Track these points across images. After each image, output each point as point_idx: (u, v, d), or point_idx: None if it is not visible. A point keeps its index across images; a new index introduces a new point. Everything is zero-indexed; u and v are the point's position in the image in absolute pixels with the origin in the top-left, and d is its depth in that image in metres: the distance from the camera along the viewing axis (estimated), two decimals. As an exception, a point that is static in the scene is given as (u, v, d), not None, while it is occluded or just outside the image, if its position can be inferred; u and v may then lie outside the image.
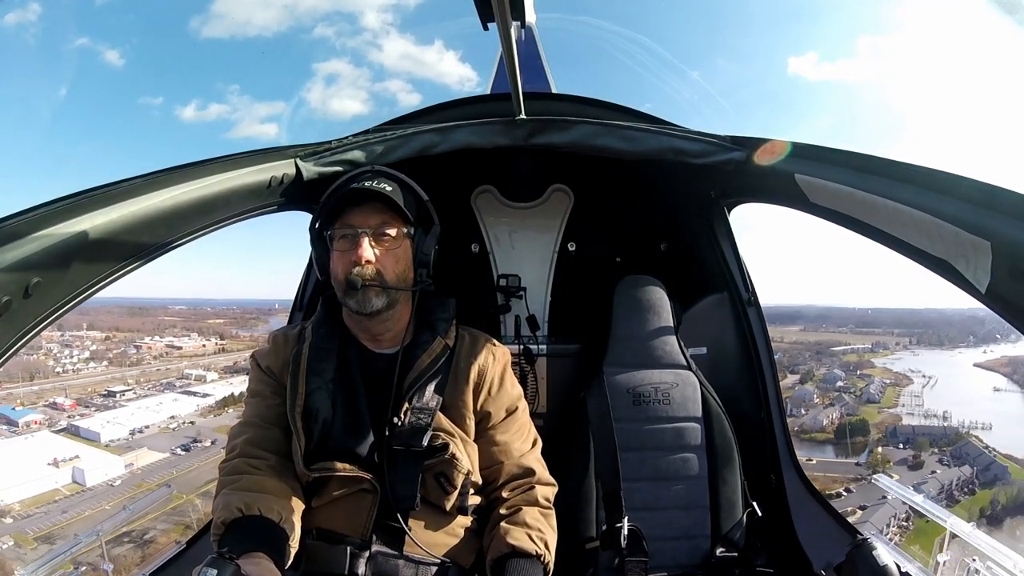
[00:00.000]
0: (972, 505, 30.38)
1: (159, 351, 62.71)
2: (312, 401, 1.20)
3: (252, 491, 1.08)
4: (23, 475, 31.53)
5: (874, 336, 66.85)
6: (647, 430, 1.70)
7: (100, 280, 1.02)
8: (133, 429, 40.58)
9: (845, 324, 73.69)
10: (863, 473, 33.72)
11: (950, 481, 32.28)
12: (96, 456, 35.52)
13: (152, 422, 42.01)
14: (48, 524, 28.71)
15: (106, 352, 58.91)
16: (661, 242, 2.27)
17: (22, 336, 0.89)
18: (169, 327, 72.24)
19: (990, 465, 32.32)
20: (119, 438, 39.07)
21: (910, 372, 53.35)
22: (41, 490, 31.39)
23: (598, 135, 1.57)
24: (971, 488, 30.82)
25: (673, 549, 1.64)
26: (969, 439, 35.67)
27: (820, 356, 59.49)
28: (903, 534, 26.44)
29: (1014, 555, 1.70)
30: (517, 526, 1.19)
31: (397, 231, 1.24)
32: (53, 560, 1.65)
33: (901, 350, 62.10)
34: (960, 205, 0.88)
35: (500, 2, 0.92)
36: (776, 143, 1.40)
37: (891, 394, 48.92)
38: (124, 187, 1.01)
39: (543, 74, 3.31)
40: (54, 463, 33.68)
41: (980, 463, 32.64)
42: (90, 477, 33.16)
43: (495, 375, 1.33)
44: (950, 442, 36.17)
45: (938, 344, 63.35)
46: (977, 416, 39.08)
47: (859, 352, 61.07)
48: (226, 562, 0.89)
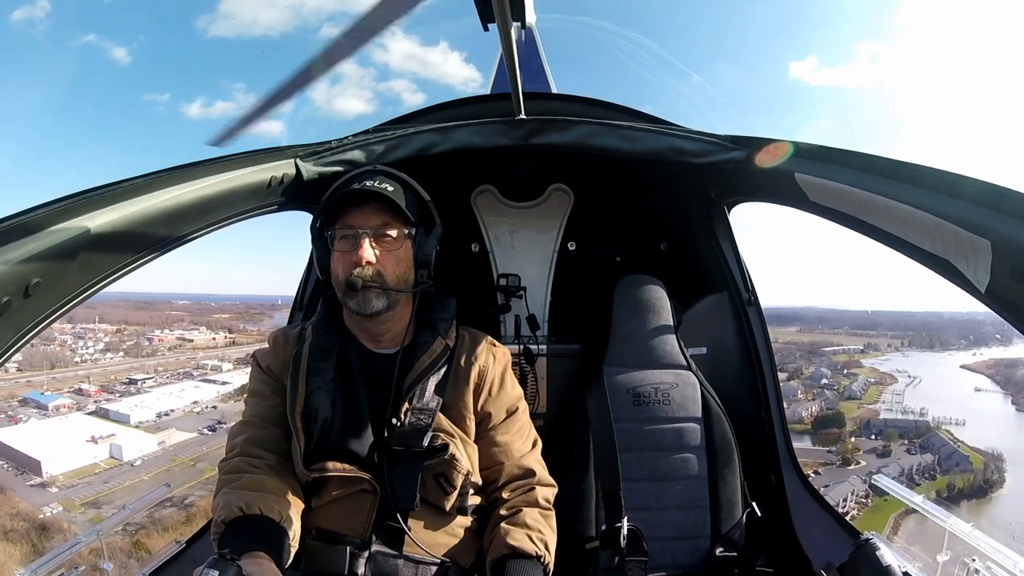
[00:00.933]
0: (931, 488, 35.19)
1: (171, 343, 65.49)
2: (312, 401, 1.20)
3: (252, 490, 1.08)
4: (64, 451, 34.95)
5: (868, 338, 69.20)
6: (647, 430, 1.70)
7: (100, 280, 1.01)
8: (159, 412, 44.52)
9: (842, 326, 76.13)
10: (832, 459, 39.04)
11: (910, 466, 37.59)
12: (130, 435, 39.07)
13: (176, 406, 45.97)
14: (91, 493, 32.25)
15: (120, 343, 62.05)
16: (661, 242, 2.27)
17: (22, 336, 0.89)
18: (176, 321, 75.33)
19: (952, 455, 36.58)
20: (147, 420, 42.88)
21: (896, 372, 56.47)
22: (82, 464, 35.07)
23: (598, 135, 1.57)
24: (932, 474, 35.29)
25: (673, 549, 1.64)
26: (937, 432, 39.97)
27: (811, 356, 61.71)
28: (860, 509, 30.46)
29: (1014, 555, 1.71)
30: (517, 527, 1.19)
31: (398, 232, 1.24)
32: (53, 560, 1.65)
33: (892, 352, 64.91)
34: (960, 204, 0.87)
35: (500, 2, 0.92)
36: (777, 146, 1.40)
37: (873, 392, 52.56)
38: (124, 187, 1.01)
39: (543, 74, 3.31)
40: (92, 440, 37.53)
41: (944, 453, 37.01)
42: (126, 453, 37.07)
43: (495, 376, 1.33)
44: (919, 434, 40.65)
45: (929, 346, 66.27)
46: (953, 413, 43.20)
47: (849, 353, 63.68)
48: (228, 563, 0.88)
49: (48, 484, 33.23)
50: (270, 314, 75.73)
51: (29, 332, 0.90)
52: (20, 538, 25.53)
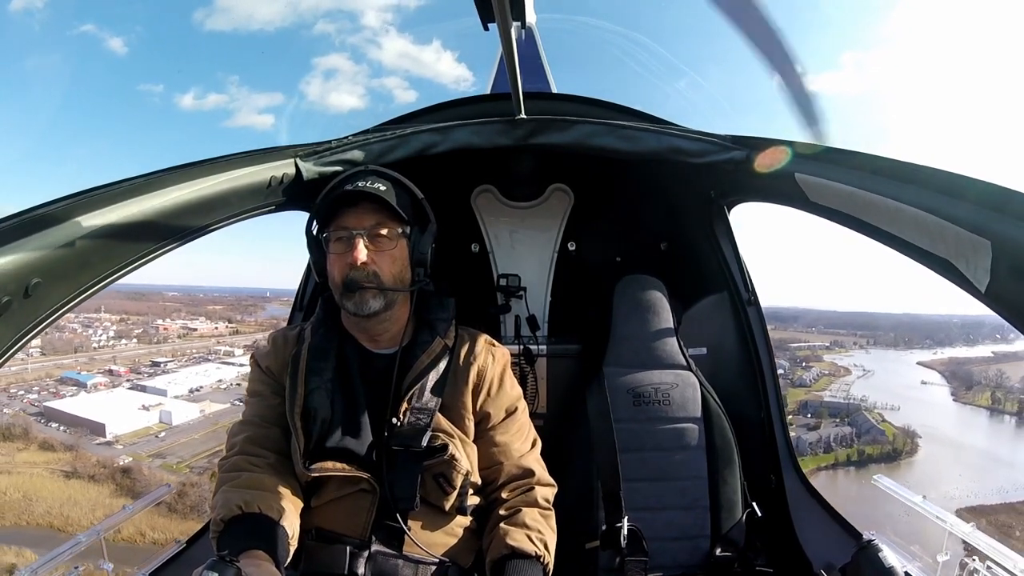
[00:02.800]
0: (844, 454, 44.05)
1: (177, 332, 70.24)
2: (311, 401, 1.20)
3: (252, 489, 1.08)
4: (121, 417, 42.56)
5: (836, 336, 74.14)
6: (647, 430, 1.70)
7: (101, 279, 1.01)
8: (191, 388, 51.81)
9: (815, 325, 79.90)
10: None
11: (829, 435, 45.51)
12: (173, 404, 46.83)
13: (204, 384, 52.73)
14: (153, 448, 39.54)
15: (129, 332, 67.36)
16: (661, 242, 2.27)
17: (22, 336, 0.89)
18: (174, 311, 78.58)
19: (871, 429, 46.19)
20: (182, 394, 50.22)
21: (853, 366, 62.65)
22: (137, 427, 42.77)
23: (598, 135, 1.57)
24: (849, 443, 44.27)
25: (673, 549, 1.64)
26: (862, 412, 47.98)
27: (777, 351, 65.41)
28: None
29: (1014, 555, 1.70)
30: (517, 527, 1.19)
31: (392, 231, 1.24)
32: (53, 560, 1.65)
33: (857, 349, 70.51)
34: (961, 204, 0.87)
35: (500, 2, 0.92)
36: (775, 151, 1.40)
37: (824, 381, 59.27)
38: (124, 187, 1.01)
39: (543, 74, 3.31)
40: (144, 407, 45.08)
41: (863, 428, 46.27)
42: (175, 418, 44.32)
43: (494, 376, 1.33)
44: (848, 414, 48.62)
45: (894, 345, 71.99)
46: (892, 400, 50.83)
47: (813, 348, 69.06)
48: (227, 564, 0.88)
49: (112, 443, 40.26)
50: (262, 306, 79.25)
51: (29, 332, 0.90)
52: (106, 479, 32.52)
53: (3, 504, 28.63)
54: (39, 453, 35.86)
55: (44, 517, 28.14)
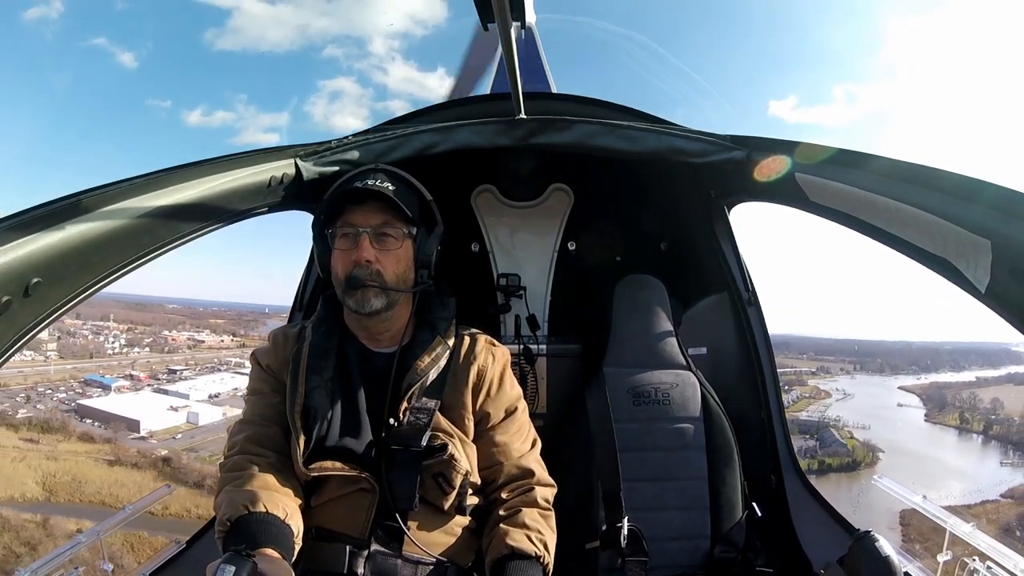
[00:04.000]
0: (806, 464, 41.98)
1: (185, 343, 71.39)
2: (311, 400, 1.20)
3: (256, 488, 1.08)
4: (152, 416, 45.10)
5: (824, 362, 76.46)
6: (647, 430, 1.70)
7: (100, 280, 1.01)
8: (210, 394, 53.39)
9: (806, 351, 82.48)
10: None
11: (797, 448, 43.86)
12: (197, 407, 49.00)
13: (221, 391, 54.84)
14: (185, 443, 41.69)
15: (139, 340, 68.67)
16: (661, 242, 2.27)
17: (22, 336, 0.89)
18: (179, 323, 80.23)
19: (833, 443, 49.01)
20: (202, 399, 51.87)
21: (835, 390, 65.39)
22: (166, 426, 45.06)
23: (598, 135, 1.57)
24: (812, 455, 46.84)
25: (673, 549, 1.64)
26: (829, 429, 51.61)
27: None
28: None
29: (1014, 555, 1.70)
30: (516, 527, 1.19)
31: (398, 231, 1.24)
32: (53, 560, 1.65)
33: (842, 375, 72.70)
34: (961, 204, 0.87)
35: (500, 2, 0.92)
36: (775, 160, 1.40)
37: (803, 403, 61.95)
38: (124, 187, 1.01)
39: (543, 74, 3.31)
40: (172, 408, 47.55)
41: (828, 442, 49.25)
42: (201, 419, 46.23)
43: (494, 375, 1.33)
44: (817, 430, 51.87)
45: (879, 371, 73.65)
46: (865, 421, 53.62)
47: (799, 373, 71.16)
48: (244, 559, 0.88)
49: (147, 438, 42.68)
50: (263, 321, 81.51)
51: (29, 332, 0.90)
52: (148, 467, 34.47)
53: (56, 484, 30.75)
54: (80, 444, 37.54)
55: (95, 496, 30.15)
